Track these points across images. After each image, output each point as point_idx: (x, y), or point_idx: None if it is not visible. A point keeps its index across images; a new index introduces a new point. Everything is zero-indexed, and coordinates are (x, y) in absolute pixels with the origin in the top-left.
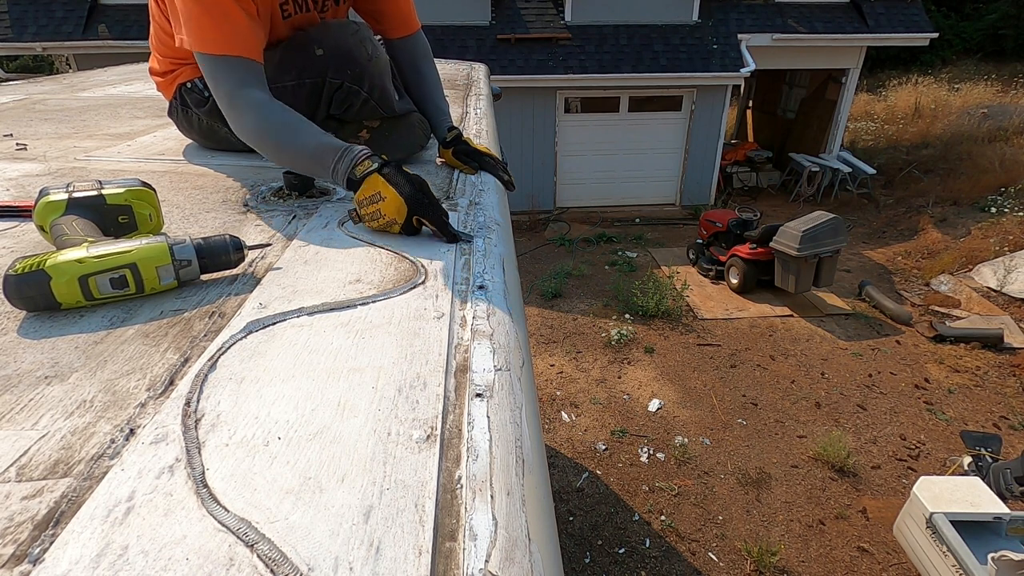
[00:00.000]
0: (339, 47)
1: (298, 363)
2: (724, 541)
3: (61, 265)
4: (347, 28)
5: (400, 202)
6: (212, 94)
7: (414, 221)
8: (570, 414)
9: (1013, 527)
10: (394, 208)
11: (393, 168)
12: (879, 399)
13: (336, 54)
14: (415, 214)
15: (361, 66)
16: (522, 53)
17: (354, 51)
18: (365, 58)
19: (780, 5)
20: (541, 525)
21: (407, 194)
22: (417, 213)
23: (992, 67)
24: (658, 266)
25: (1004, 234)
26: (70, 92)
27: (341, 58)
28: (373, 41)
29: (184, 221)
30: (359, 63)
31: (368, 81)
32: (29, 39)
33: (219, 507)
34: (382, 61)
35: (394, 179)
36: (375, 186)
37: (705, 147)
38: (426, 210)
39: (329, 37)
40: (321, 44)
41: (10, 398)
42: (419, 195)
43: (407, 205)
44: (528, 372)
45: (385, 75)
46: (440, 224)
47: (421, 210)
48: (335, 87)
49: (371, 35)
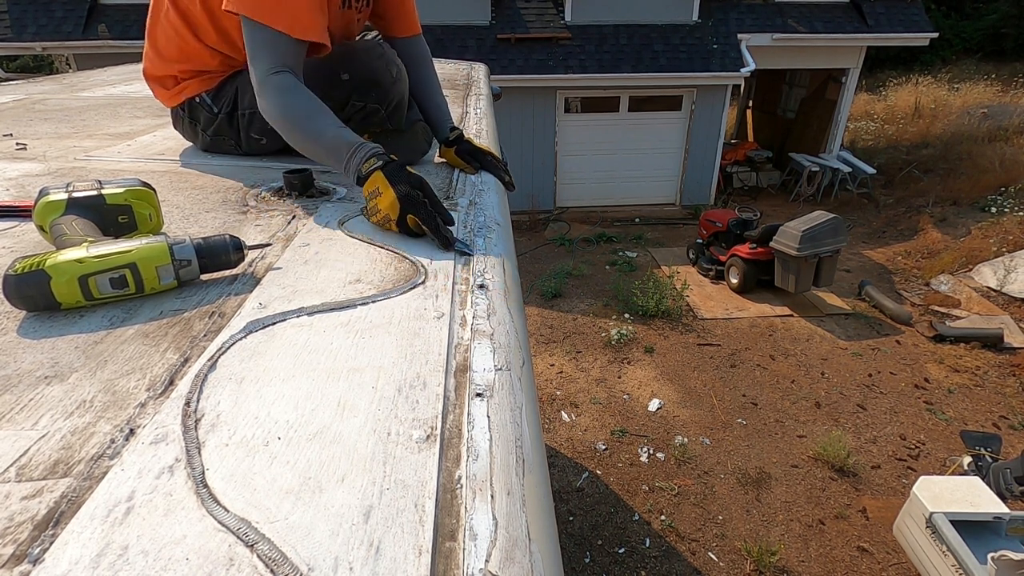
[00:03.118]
0: (364, 71)
1: (298, 363)
2: (724, 541)
3: (61, 265)
4: (373, 51)
5: (393, 198)
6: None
7: (409, 220)
8: (570, 414)
9: (1013, 527)
10: (388, 204)
11: (396, 166)
12: (879, 399)
13: (362, 79)
14: (408, 212)
15: (385, 88)
16: (522, 53)
17: (379, 74)
18: (389, 81)
19: (780, 5)
20: (541, 525)
21: (401, 191)
22: (410, 211)
23: (992, 67)
24: (658, 266)
25: (1004, 234)
26: (70, 92)
27: (366, 82)
28: (398, 63)
29: (184, 221)
30: (383, 86)
31: (388, 101)
32: (29, 39)
33: (219, 507)
34: (404, 82)
35: (393, 176)
36: (376, 182)
37: (705, 147)
38: (418, 209)
39: (355, 61)
40: (347, 69)
41: (10, 398)
42: (413, 193)
43: (399, 202)
44: (528, 372)
45: (405, 94)
46: (432, 226)
47: (414, 208)
48: (357, 108)
49: (395, 56)
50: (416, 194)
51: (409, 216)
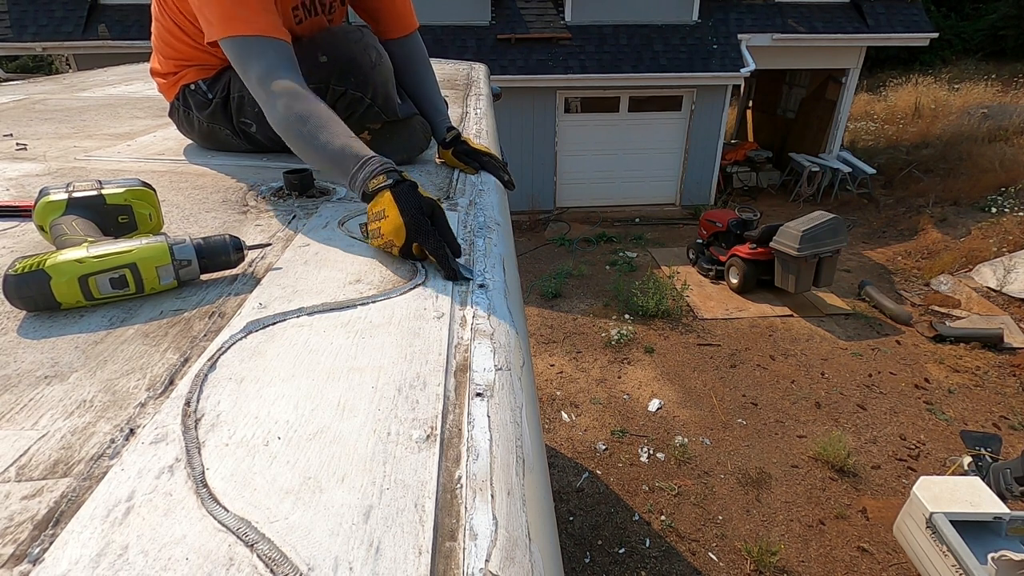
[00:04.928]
0: (343, 54)
1: (298, 363)
2: (724, 541)
3: (61, 265)
4: (351, 35)
5: (399, 224)
6: (243, 81)
7: (414, 248)
8: (570, 414)
9: (1013, 527)
10: (392, 229)
11: (407, 187)
12: (879, 399)
13: (340, 61)
14: (415, 240)
15: (364, 73)
16: (522, 53)
17: (358, 58)
18: (368, 65)
19: (780, 5)
20: (541, 525)
21: (409, 218)
22: (417, 240)
23: (992, 67)
24: (658, 266)
25: (1004, 234)
26: (70, 92)
27: (345, 65)
28: (377, 48)
29: (184, 221)
30: (363, 70)
31: (372, 88)
32: (29, 39)
33: (219, 507)
34: (385, 68)
35: (402, 199)
36: (382, 203)
37: (705, 147)
38: (427, 239)
39: (333, 44)
40: (325, 51)
41: (10, 398)
42: (422, 221)
43: (406, 229)
44: (528, 372)
45: (389, 81)
46: (440, 257)
47: (421, 238)
48: (338, 94)
49: (375, 41)
50: (424, 221)
51: (414, 244)
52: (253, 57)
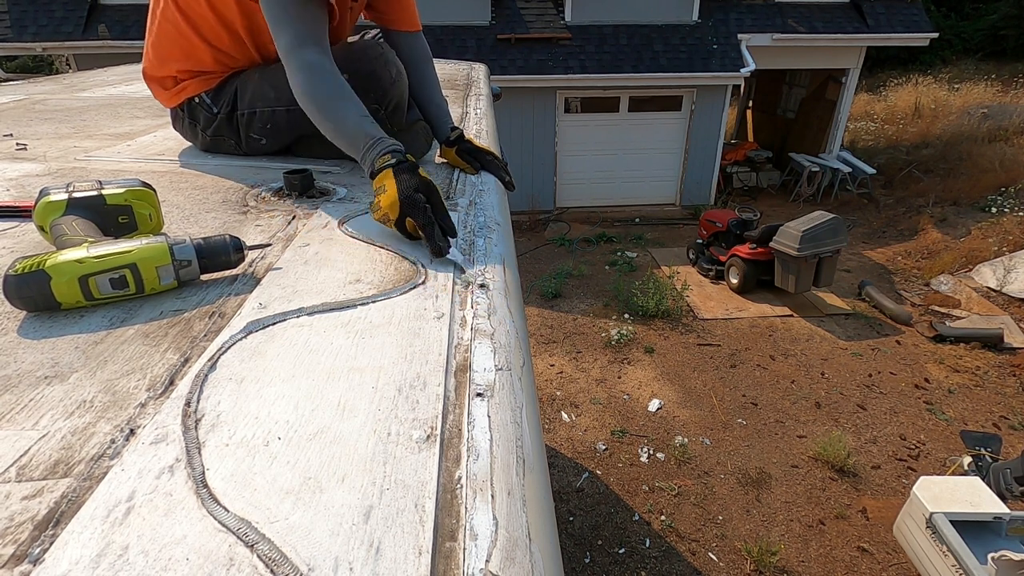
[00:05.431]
0: (364, 72)
1: (298, 363)
2: (724, 541)
3: (61, 265)
4: (372, 51)
5: (395, 199)
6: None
7: (407, 224)
8: (570, 414)
9: (1013, 527)
10: (389, 203)
11: (407, 166)
12: (879, 399)
13: (361, 78)
14: (407, 215)
15: (384, 89)
16: (522, 53)
17: (379, 74)
18: (389, 81)
19: (780, 5)
20: (541, 525)
21: (404, 193)
22: (409, 214)
23: (992, 67)
24: (658, 266)
25: (1004, 234)
26: (70, 92)
27: (365, 82)
28: (398, 64)
29: (184, 221)
30: (383, 86)
31: (388, 101)
32: (29, 39)
33: (219, 507)
34: (403, 83)
35: (400, 176)
36: (384, 179)
37: (705, 147)
38: (417, 213)
39: (354, 61)
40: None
41: (10, 398)
42: (416, 196)
43: (400, 203)
44: (528, 372)
45: (404, 95)
46: (428, 233)
47: (413, 212)
48: None
49: (395, 57)
50: (419, 197)
51: (407, 219)
52: (290, 21)
